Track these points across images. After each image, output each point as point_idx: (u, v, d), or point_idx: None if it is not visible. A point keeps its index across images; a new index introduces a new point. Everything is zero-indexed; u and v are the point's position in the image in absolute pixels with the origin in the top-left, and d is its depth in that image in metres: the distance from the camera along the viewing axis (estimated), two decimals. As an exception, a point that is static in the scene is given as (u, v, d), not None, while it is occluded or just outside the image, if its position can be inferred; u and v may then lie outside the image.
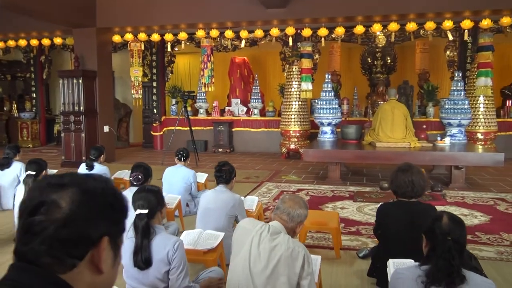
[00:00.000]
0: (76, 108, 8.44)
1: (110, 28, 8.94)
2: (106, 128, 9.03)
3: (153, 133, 11.50)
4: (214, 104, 11.32)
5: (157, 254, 2.36)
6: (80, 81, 8.36)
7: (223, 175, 3.61)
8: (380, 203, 3.15)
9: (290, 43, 8.64)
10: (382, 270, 3.05)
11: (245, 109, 11.33)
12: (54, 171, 6.16)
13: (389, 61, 11.70)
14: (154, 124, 11.35)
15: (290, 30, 8.30)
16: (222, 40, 10.40)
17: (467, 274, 1.79)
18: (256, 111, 10.94)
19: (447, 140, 7.23)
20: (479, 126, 8.58)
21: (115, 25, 8.80)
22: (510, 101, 9.92)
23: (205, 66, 8.96)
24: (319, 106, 8.38)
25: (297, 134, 9.46)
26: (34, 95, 12.27)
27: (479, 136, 8.59)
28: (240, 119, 11.01)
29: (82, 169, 5.29)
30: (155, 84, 11.31)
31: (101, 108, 8.88)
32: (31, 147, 11.81)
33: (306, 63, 8.29)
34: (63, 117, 8.64)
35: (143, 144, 12.02)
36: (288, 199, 2.35)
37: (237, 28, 8.73)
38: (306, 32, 8.24)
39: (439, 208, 4.06)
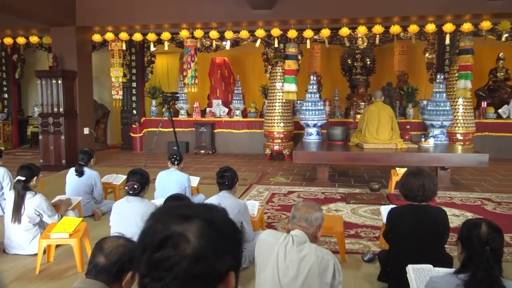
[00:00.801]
0: (55, 109, 8.16)
1: (90, 27, 8.69)
2: (86, 130, 8.77)
3: (132, 135, 11.25)
4: (195, 105, 11.18)
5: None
6: (59, 81, 8.08)
7: (226, 181, 3.54)
8: (391, 207, 3.17)
9: (276, 44, 8.62)
10: (393, 274, 3.07)
11: (226, 110, 11.25)
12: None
13: (368, 62, 11.87)
14: (134, 126, 11.11)
15: (276, 31, 8.29)
16: (204, 40, 10.29)
17: (506, 284, 1.79)
18: (238, 112, 10.88)
19: (431, 141, 7.39)
20: (459, 127, 8.81)
21: (96, 24, 8.57)
22: (485, 103, 10.23)
23: (188, 66, 8.83)
24: (304, 108, 8.41)
25: (281, 135, 9.46)
26: (6, 96, 11.78)
27: (459, 136, 8.82)
28: (222, 120, 10.92)
29: (71, 175, 5.07)
30: (134, 84, 11.07)
31: (81, 109, 8.62)
32: (3, 150, 11.29)
33: (291, 65, 8.29)
34: (41, 119, 8.32)
35: (121, 146, 11.75)
36: (301, 206, 2.35)
37: (221, 28, 8.64)
38: (292, 33, 8.24)
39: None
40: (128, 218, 3.38)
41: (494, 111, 9.96)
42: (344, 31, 8.09)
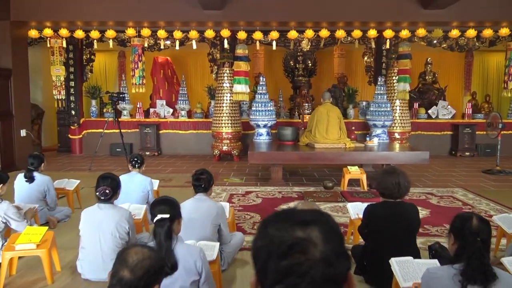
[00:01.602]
0: (-11, 110, 7.54)
1: (26, 22, 8.12)
2: (23, 132, 8.19)
3: (71, 136, 10.67)
4: (138, 106, 10.87)
5: (184, 263, 2.28)
6: (-7, 80, 7.48)
7: (202, 184, 3.52)
8: (367, 204, 3.33)
9: (226, 45, 8.62)
10: (371, 268, 3.25)
11: (171, 110, 11.05)
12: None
13: (310, 64, 12.27)
14: (72, 127, 10.54)
15: (225, 33, 8.30)
16: (148, 39, 10.01)
17: (497, 272, 1.99)
18: (183, 112, 10.73)
19: (375, 140, 7.84)
20: (396, 127, 9.40)
21: (33, 19, 8.02)
22: (417, 104, 11.02)
23: (135, 66, 8.56)
24: (254, 108, 8.51)
25: (230, 136, 9.49)
26: None
27: (396, 135, 9.41)
28: (168, 121, 10.71)
29: (21, 181, 4.71)
30: (72, 83, 10.48)
31: (17, 110, 8.03)
32: None
33: (242, 66, 8.34)
34: (-29, 121, 7.64)
35: (58, 149, 11.10)
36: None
37: (170, 28, 8.48)
38: (241, 35, 8.31)
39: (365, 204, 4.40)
40: (101, 226, 3.23)
41: (425, 111, 10.76)
42: (293, 34, 8.30)
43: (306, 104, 10.99)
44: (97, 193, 3.28)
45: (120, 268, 1.58)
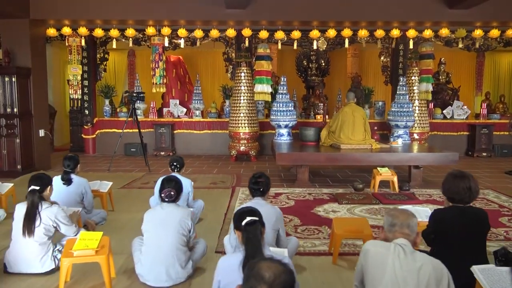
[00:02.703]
0: (9, 110, 7.38)
1: (45, 20, 7.99)
2: (41, 132, 8.05)
3: (84, 136, 10.54)
4: (151, 105, 10.75)
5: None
6: (13, 79, 7.32)
7: (260, 187, 3.46)
8: (434, 209, 3.27)
9: (247, 45, 8.53)
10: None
11: (184, 110, 10.95)
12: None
13: (323, 64, 12.22)
14: (86, 127, 10.41)
15: (247, 32, 8.21)
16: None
17: None
18: (198, 112, 10.63)
19: (400, 141, 7.79)
20: (415, 127, 9.35)
21: (52, 17, 7.89)
22: (432, 104, 10.99)
23: (156, 66, 8.45)
24: (275, 108, 8.43)
25: (247, 136, 9.40)
26: None
27: (415, 136, 9.36)
28: (182, 120, 10.61)
29: (57, 184, 4.59)
30: (86, 83, 10.34)
31: (36, 109, 7.89)
32: None
33: (264, 65, 8.26)
34: (-8, 121, 7.50)
35: (70, 148, 10.97)
36: (398, 213, 2.34)
37: (189, 27, 8.38)
38: (263, 34, 8.22)
39: (416, 207, 4.36)
40: (166, 223, 3.26)
41: (440, 112, 10.73)
42: (315, 33, 8.23)
43: (320, 104, 10.94)
44: (162, 195, 3.36)
45: (257, 285, 1.51)
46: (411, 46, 8.73)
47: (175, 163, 4.80)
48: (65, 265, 3.08)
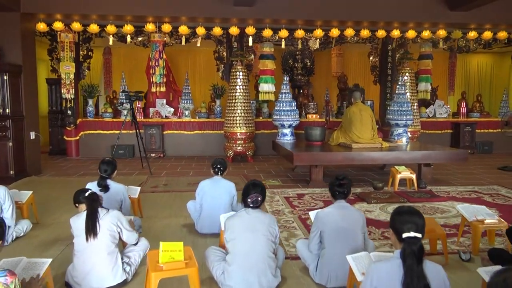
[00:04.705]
0: (1, 111, 6.76)
1: (36, 14, 7.40)
2: (32, 135, 7.46)
3: (66, 138, 9.93)
4: (138, 105, 10.30)
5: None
6: (5, 77, 6.71)
7: (345, 190, 3.35)
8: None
9: (250, 43, 8.36)
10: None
11: (172, 110, 10.60)
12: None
13: (308, 63, 12.27)
14: (69, 128, 9.79)
15: (250, 30, 8.05)
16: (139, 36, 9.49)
17: None
18: (187, 112, 10.33)
19: (404, 139, 7.95)
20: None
21: (44, 11, 7.32)
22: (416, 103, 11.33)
23: (156, 64, 8.09)
24: (278, 108, 8.33)
25: (244, 136, 9.24)
26: None
27: (408, 134, 9.59)
28: (172, 121, 10.26)
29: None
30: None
31: (28, 110, 7.29)
32: None
33: (269, 65, 8.14)
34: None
35: (50, 151, 10.29)
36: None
37: (192, 24, 8.09)
38: (267, 32, 8.10)
39: (442, 204, 4.39)
40: (254, 228, 3.08)
41: (425, 111, 11.10)
42: (319, 32, 8.22)
43: (308, 103, 10.95)
44: (249, 200, 3.15)
45: None
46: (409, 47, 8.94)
47: (219, 166, 4.58)
48: (156, 281, 2.83)
